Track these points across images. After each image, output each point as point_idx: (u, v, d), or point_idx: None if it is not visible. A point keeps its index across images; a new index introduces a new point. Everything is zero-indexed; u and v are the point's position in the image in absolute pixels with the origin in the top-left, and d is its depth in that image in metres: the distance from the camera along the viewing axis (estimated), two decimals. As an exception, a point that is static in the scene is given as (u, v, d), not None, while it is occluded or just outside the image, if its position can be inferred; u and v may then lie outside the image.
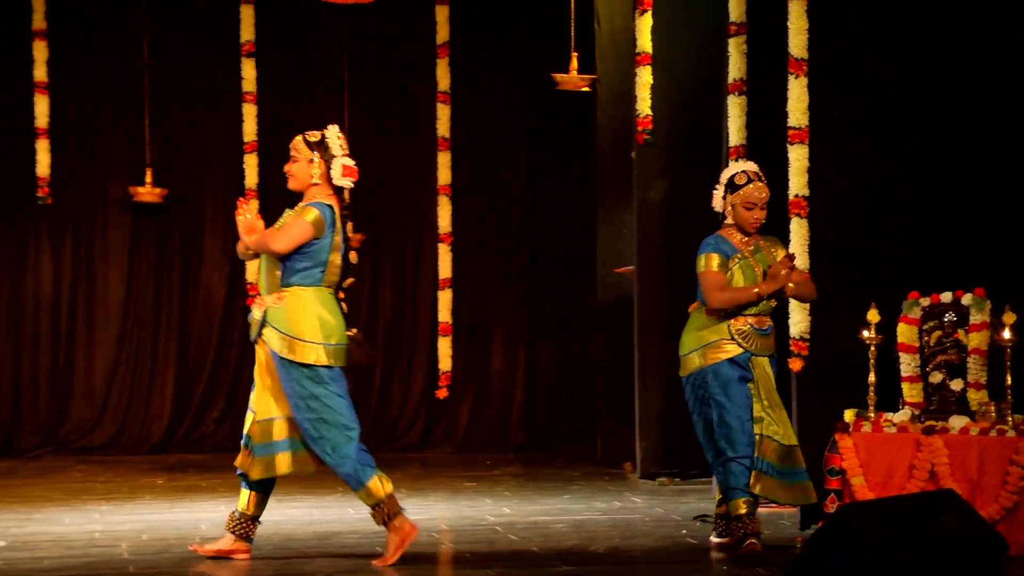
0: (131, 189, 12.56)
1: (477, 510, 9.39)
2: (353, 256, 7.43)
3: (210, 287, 12.94)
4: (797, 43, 8.34)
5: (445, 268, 12.96)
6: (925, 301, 7.81)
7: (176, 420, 12.80)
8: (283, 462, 7.42)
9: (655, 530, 8.51)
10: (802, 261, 8.27)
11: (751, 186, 7.55)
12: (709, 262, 7.58)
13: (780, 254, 7.64)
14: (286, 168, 7.56)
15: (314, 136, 7.49)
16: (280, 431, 7.37)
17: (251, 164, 12.67)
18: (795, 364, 8.30)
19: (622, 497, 9.91)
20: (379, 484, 7.30)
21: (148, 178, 12.54)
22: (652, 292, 10.63)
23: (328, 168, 7.41)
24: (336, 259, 7.32)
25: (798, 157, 8.37)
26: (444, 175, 12.90)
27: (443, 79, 12.85)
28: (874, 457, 7.65)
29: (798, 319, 8.32)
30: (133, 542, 8.18)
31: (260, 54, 12.62)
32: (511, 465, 11.87)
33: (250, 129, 12.65)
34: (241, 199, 7.70)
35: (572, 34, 11.35)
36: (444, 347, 12.96)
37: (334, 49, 12.89)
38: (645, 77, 10.50)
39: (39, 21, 12.31)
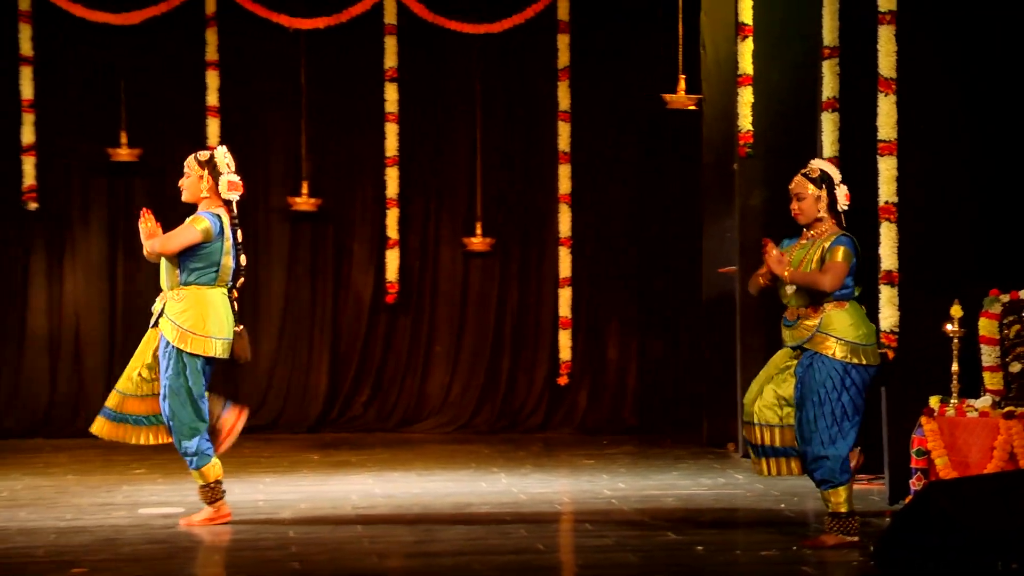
0: (289, 199, 12.64)
1: (595, 484, 9.33)
2: (243, 259, 7.73)
3: (358, 287, 12.98)
4: (886, 64, 8.21)
5: (565, 268, 12.89)
6: (1005, 297, 7.63)
7: (329, 403, 12.86)
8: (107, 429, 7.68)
9: (756, 503, 8.41)
10: (891, 262, 8.14)
11: (792, 181, 7.21)
12: None
13: (821, 248, 6.98)
14: (180, 183, 7.76)
15: (204, 155, 7.70)
16: (134, 406, 7.61)
17: (392, 177, 12.69)
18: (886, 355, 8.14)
19: (725, 474, 9.80)
20: (214, 469, 7.55)
21: (304, 190, 12.61)
22: (752, 289, 10.51)
23: (216, 183, 7.60)
24: (228, 262, 7.62)
25: (887, 167, 8.23)
26: (564, 185, 12.83)
27: (564, 99, 12.78)
28: (957, 439, 7.47)
29: (888, 314, 8.17)
30: (293, 510, 8.23)
31: (401, 78, 12.63)
32: (625, 445, 11.78)
33: (391, 145, 12.66)
34: (145, 209, 7.82)
35: (680, 58, 11.28)
36: (564, 339, 12.89)
37: (467, 73, 12.88)
38: (746, 96, 10.39)
39: (212, 53, 12.41)
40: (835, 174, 7.14)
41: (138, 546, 7.10)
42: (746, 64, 10.38)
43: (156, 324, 7.61)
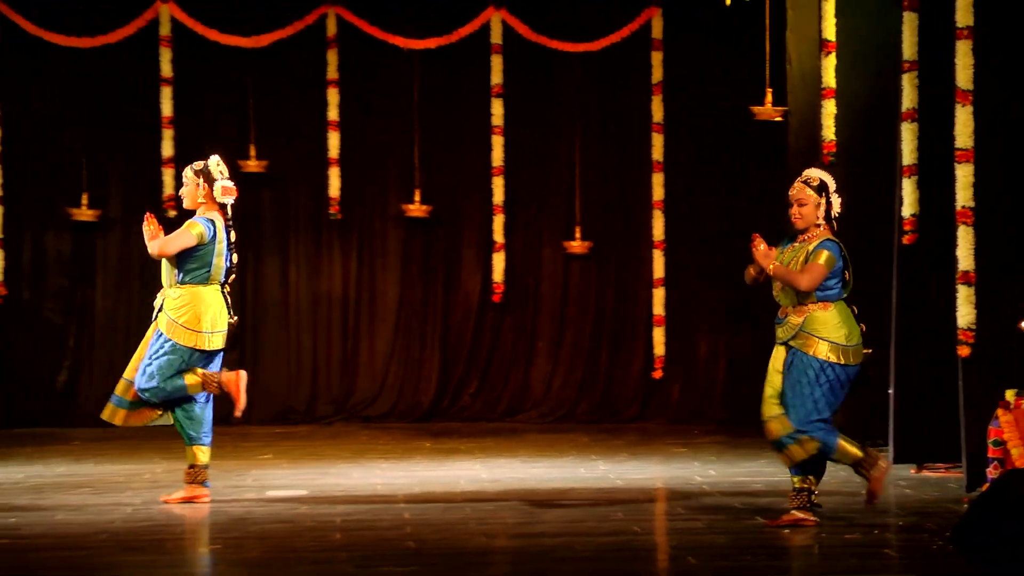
0: (403, 206, 12.70)
1: (686, 471, 9.28)
2: (234, 258, 7.85)
3: (467, 287, 12.99)
4: (964, 76, 8.06)
5: (659, 270, 12.80)
6: (1078, 295, 7.49)
7: (440, 395, 12.89)
8: (119, 415, 7.83)
9: (839, 489, 8.29)
10: (968, 263, 8.00)
11: (793, 187, 7.15)
12: None
13: (806, 251, 6.98)
14: (180, 192, 7.96)
15: (199, 165, 7.86)
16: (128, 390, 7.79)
17: (498, 185, 12.69)
18: (963, 351, 8.00)
19: (810, 462, 9.68)
20: (203, 453, 7.83)
21: (417, 198, 12.65)
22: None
23: (211, 189, 7.74)
24: (220, 262, 7.75)
25: (964, 174, 8.08)
26: (658, 192, 12.75)
27: (657, 112, 12.70)
28: (1031, 430, 7.34)
29: (965, 312, 8.02)
30: (407, 493, 8.27)
31: (507, 94, 12.63)
32: (715, 435, 11.70)
33: (498, 156, 12.66)
34: (148, 213, 7.97)
35: (767, 73, 11.17)
36: (658, 336, 12.81)
37: (567, 89, 12.85)
38: (829, 108, 10.27)
39: (332, 72, 12.49)
40: (831, 182, 7.14)
41: (265, 525, 7.18)
42: (829, 78, 10.25)
43: (156, 318, 7.79)
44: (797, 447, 6.91)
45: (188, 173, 7.89)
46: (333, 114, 12.54)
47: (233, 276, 7.92)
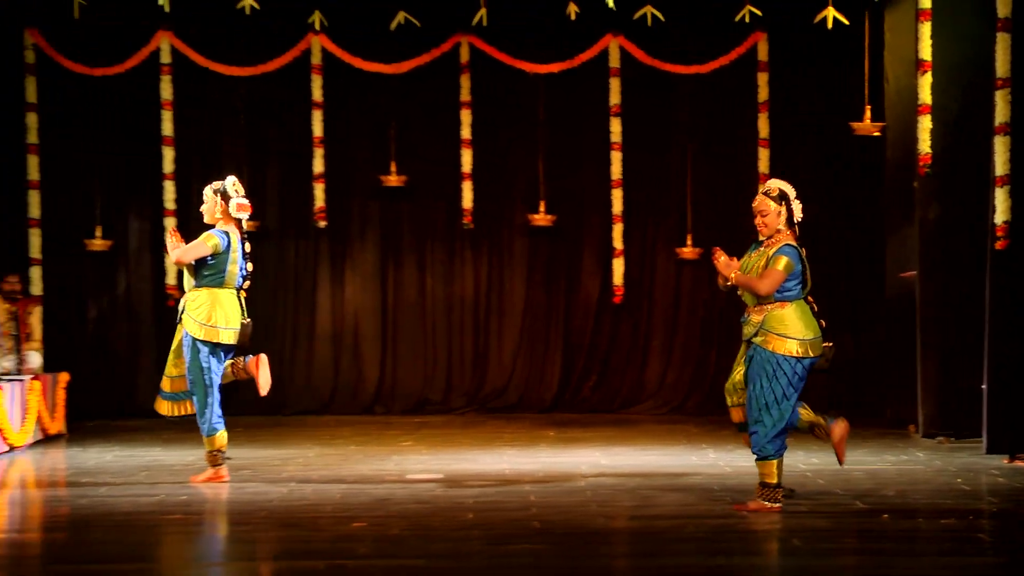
0: (529, 216, 12.72)
1: (791, 459, 9.11)
2: (249, 266, 8.11)
3: (587, 290, 12.96)
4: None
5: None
6: None
7: (562, 388, 12.89)
8: (164, 407, 8.16)
9: (934, 478, 8.14)
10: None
11: (755, 199, 7.12)
12: None
13: (766, 256, 6.97)
14: (201, 208, 8.18)
15: (217, 185, 8.10)
16: (171, 385, 8.10)
17: (617, 197, 12.60)
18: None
19: (907, 452, 9.51)
20: (221, 439, 7.98)
21: (541, 209, 12.67)
22: (930, 291, 10.19)
23: (227, 206, 8.00)
24: (234, 269, 7.99)
25: (1053, 183, 7.90)
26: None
27: (763, 128, 12.55)
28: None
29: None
30: (533, 478, 8.28)
31: (624, 113, 12.58)
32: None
33: (616, 170, 12.52)
34: (172, 228, 8.36)
35: (866, 91, 11.00)
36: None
37: (679, 107, 12.77)
38: (925, 123, 10.06)
39: (465, 95, 12.54)
40: (791, 191, 7.11)
41: (405, 505, 7.25)
42: (925, 95, 10.05)
43: (180, 320, 8.06)
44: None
45: (207, 192, 8.17)
46: (466, 133, 12.61)
47: (248, 283, 8.17)
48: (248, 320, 8.07)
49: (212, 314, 7.94)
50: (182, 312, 8.05)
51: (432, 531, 6.52)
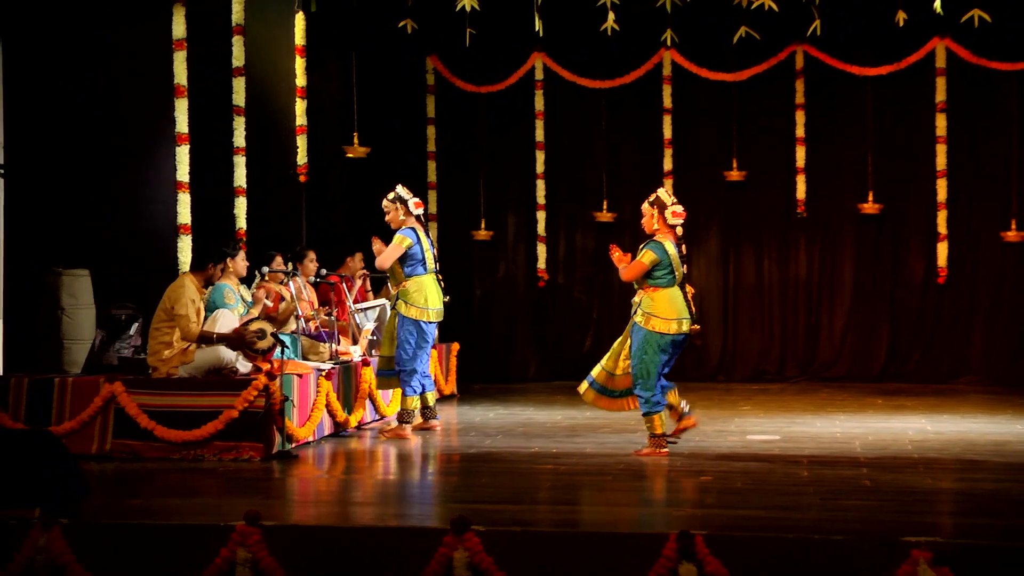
0: (858, 205, 12.29)
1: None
2: (435, 252, 8.42)
3: (911, 271, 12.41)
4: None
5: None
6: None
7: (889, 360, 12.40)
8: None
9: None
10: None
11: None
12: None
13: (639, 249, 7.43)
14: (386, 218, 8.42)
15: (393, 194, 8.40)
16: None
17: (942, 186, 11.99)
18: None
19: None
20: (416, 399, 8.28)
21: (870, 198, 12.23)
22: None
23: (408, 208, 8.35)
24: (429, 256, 8.32)
25: None
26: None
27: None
28: None
29: None
30: (862, 440, 8.04)
31: (950, 109, 11.91)
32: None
33: (940, 162, 11.96)
34: (375, 237, 8.46)
35: None
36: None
37: (1006, 101, 11.97)
38: None
39: (799, 97, 12.24)
40: (666, 199, 7.44)
41: (746, 462, 7.20)
42: None
43: (394, 307, 8.33)
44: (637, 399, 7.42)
45: (386, 202, 8.39)
46: (800, 132, 12.34)
47: (437, 265, 8.44)
48: (447, 298, 8.49)
49: (423, 297, 8.26)
50: (396, 300, 8.34)
51: (770, 486, 6.44)
